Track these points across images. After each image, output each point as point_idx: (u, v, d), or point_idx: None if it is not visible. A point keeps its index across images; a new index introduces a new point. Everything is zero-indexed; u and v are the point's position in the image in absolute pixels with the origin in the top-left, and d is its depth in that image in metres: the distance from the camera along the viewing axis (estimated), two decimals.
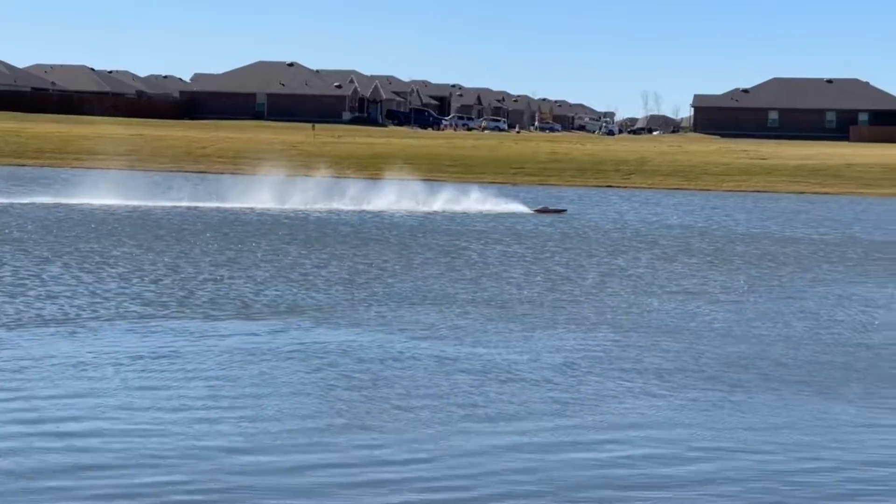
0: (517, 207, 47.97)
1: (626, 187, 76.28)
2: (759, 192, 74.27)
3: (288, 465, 11.79)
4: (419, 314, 20.54)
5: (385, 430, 13.10)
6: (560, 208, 49.83)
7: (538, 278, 26.18)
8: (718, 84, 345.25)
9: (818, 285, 26.49)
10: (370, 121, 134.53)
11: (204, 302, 21.13)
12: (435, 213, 44.40)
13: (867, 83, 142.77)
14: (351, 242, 32.59)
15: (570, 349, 17.80)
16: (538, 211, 47.91)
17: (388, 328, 19.12)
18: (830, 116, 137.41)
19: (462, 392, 14.92)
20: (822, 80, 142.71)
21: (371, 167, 79.49)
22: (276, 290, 22.77)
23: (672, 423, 13.75)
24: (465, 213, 44.86)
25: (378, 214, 42.93)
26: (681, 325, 20.32)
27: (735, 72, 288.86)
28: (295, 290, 22.87)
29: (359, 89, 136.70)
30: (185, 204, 42.73)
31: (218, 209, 41.94)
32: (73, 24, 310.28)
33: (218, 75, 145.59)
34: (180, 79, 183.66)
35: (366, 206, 45.15)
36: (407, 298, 22.34)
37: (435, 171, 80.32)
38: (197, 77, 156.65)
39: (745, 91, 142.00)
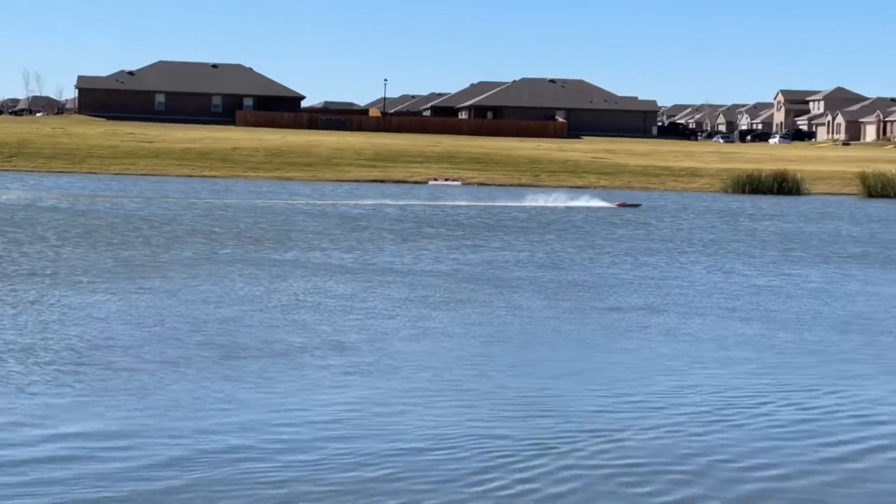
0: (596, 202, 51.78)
1: (6, 170, 73.33)
2: (147, 175, 74.14)
3: None
4: None
5: None
6: (635, 203, 53.52)
7: None
8: (105, 66, 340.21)
9: (197, 265, 26.54)
10: None
11: None
12: None
13: (251, 69, 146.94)
14: None
15: None
16: (620, 205, 51.32)
17: None
18: (217, 101, 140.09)
19: None
20: (207, 64, 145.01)
21: None
22: None
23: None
24: None
25: None
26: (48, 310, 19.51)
27: (122, 54, 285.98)
28: None
29: None
30: None
31: None
32: None
33: None
34: None
35: None
36: None
37: None
38: None
39: (131, 73, 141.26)
